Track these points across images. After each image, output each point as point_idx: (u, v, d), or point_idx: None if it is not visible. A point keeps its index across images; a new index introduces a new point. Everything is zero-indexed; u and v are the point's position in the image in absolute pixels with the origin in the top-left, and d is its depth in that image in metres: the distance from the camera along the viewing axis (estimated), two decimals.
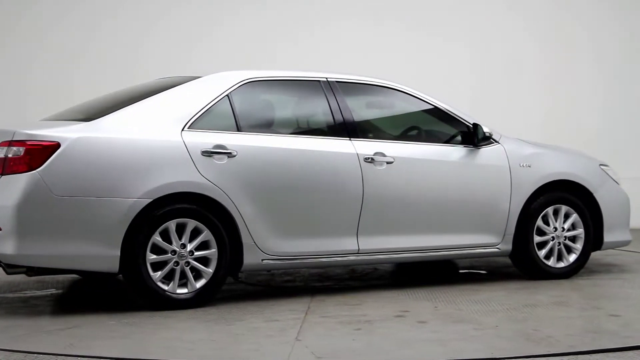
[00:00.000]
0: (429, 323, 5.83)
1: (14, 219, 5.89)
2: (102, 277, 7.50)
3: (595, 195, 7.73)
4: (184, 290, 6.30)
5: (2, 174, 5.98)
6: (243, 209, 6.44)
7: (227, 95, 6.66)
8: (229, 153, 6.44)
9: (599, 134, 11.57)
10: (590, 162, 7.97)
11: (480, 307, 6.36)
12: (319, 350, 5.04)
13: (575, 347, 5.12)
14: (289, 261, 6.71)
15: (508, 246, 7.43)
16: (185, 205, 6.31)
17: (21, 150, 5.97)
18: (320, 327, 5.72)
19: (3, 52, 10.18)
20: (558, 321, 5.86)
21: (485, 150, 7.38)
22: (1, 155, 6.00)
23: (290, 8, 11.05)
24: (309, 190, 6.72)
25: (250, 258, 6.52)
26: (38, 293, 7.16)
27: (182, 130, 6.40)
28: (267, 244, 6.55)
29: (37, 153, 5.97)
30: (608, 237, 7.80)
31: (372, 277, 7.98)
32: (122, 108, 6.43)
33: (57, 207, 5.96)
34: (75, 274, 7.46)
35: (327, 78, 7.09)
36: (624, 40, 11.95)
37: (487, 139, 7.36)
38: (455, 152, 7.31)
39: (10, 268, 6.16)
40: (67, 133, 6.10)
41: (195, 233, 6.34)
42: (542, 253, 7.52)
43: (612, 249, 8.13)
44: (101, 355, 4.96)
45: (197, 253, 6.32)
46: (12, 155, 5.98)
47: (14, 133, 6.06)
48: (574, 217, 7.65)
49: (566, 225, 7.62)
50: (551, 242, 7.57)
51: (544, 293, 6.91)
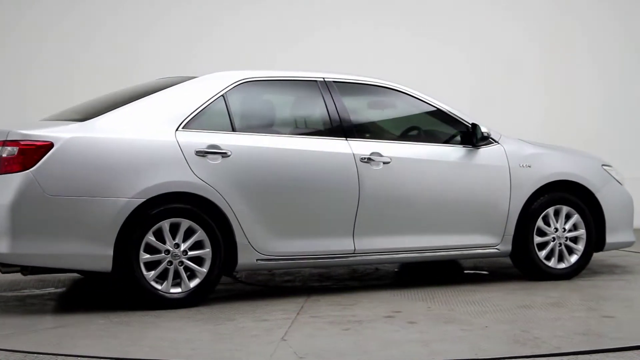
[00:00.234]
0: (419, 324, 5.81)
1: (8, 218, 5.94)
2: (103, 277, 7.51)
3: (597, 195, 7.67)
4: (178, 289, 6.32)
5: None
6: (237, 209, 6.45)
7: (222, 95, 6.67)
8: (223, 153, 6.45)
9: (599, 134, 11.48)
10: (593, 162, 7.90)
11: (474, 308, 6.33)
12: (302, 350, 5.04)
13: (561, 348, 5.09)
14: (284, 261, 6.71)
15: (507, 247, 7.39)
16: (179, 205, 6.33)
17: (15, 150, 6.02)
18: (309, 327, 5.71)
19: (3, 52, 10.25)
20: (549, 322, 5.82)
21: (485, 151, 7.34)
22: None
23: (291, 9, 11.05)
24: (304, 190, 6.71)
25: (245, 258, 6.53)
26: (36, 292, 7.20)
27: (177, 130, 6.42)
28: (262, 244, 6.56)
29: (31, 153, 6.01)
30: (610, 238, 7.74)
31: (372, 277, 7.97)
32: (117, 108, 6.47)
33: (50, 206, 6.01)
34: (73, 273, 7.49)
35: (324, 78, 7.08)
36: (623, 40, 11.86)
37: (486, 139, 7.31)
38: (453, 152, 7.27)
39: (5, 267, 6.23)
40: (61, 133, 6.14)
41: (189, 233, 6.35)
42: (542, 254, 7.48)
43: (614, 250, 8.07)
44: (85, 354, 4.99)
45: (190, 253, 6.34)
46: (6, 155, 6.03)
47: (8, 133, 6.11)
48: (576, 217, 7.59)
49: (567, 226, 7.57)
50: (552, 243, 7.52)
51: (541, 294, 6.87)
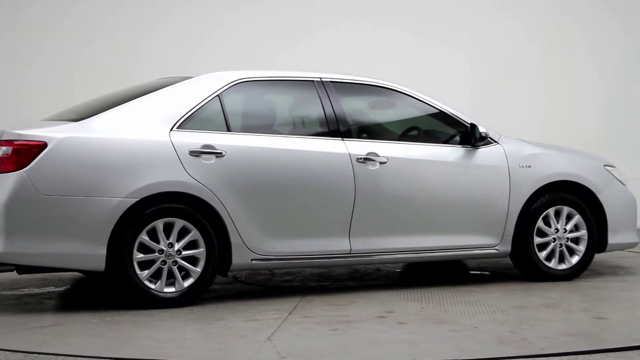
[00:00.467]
0: (409, 324, 5.80)
1: (1, 217, 5.99)
2: (102, 276, 7.55)
3: (599, 196, 7.61)
4: (171, 289, 6.34)
5: None
6: (231, 209, 6.46)
7: (217, 95, 6.68)
8: (217, 153, 6.47)
9: (599, 134, 11.40)
10: (595, 163, 7.83)
11: (467, 309, 6.30)
12: (285, 350, 5.04)
13: (545, 349, 5.06)
14: (279, 261, 6.71)
15: (507, 247, 7.35)
16: (173, 205, 6.35)
17: (9, 149, 6.06)
18: (298, 327, 5.71)
19: (3, 52, 10.32)
20: (539, 323, 5.78)
21: (484, 151, 7.30)
22: None
23: (291, 9, 11.05)
24: (299, 190, 6.70)
25: (239, 258, 6.54)
26: (35, 291, 7.25)
27: (171, 130, 6.44)
28: (257, 244, 6.56)
29: (25, 152, 6.05)
30: (612, 239, 7.67)
31: (372, 277, 7.95)
32: (112, 108, 6.50)
33: (43, 206, 6.05)
34: (75, 272, 7.54)
35: (321, 78, 7.06)
36: (623, 40, 11.77)
37: (484, 139, 7.27)
38: (451, 153, 7.24)
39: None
40: (54, 133, 6.18)
41: (183, 232, 6.37)
42: (542, 254, 7.43)
43: (617, 251, 8.00)
44: (70, 353, 5.01)
45: (184, 252, 6.36)
46: (1, 154, 6.08)
47: (2, 133, 6.16)
48: (577, 218, 7.54)
49: (568, 227, 7.51)
50: (552, 244, 7.47)
51: (539, 295, 6.83)
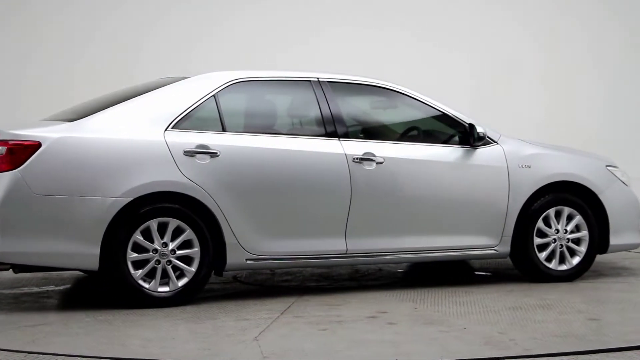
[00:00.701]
0: (399, 324, 5.79)
1: None
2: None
3: (600, 196, 7.55)
4: (166, 288, 6.37)
5: None
6: (226, 209, 6.47)
7: (213, 95, 6.70)
8: (212, 153, 6.48)
9: (599, 134, 11.30)
10: (596, 163, 7.76)
11: (461, 309, 6.28)
12: (269, 350, 5.05)
13: (531, 350, 5.04)
14: (274, 261, 6.71)
15: (506, 248, 7.31)
16: (167, 205, 6.37)
17: (3, 149, 6.11)
18: (287, 327, 5.71)
19: (3, 52, 10.39)
20: (530, 324, 5.75)
21: (482, 151, 7.26)
22: None
23: (291, 10, 11.04)
24: (294, 190, 6.70)
25: (234, 257, 6.55)
26: (35, 290, 7.30)
27: (166, 130, 6.46)
28: (251, 244, 6.57)
29: (19, 152, 6.10)
30: (614, 240, 7.60)
31: (372, 277, 7.92)
32: (108, 108, 6.53)
33: (37, 205, 6.09)
34: (77, 272, 7.59)
35: (318, 78, 7.06)
36: (623, 40, 11.66)
37: (482, 139, 7.23)
38: (449, 153, 7.21)
39: None
40: (49, 133, 6.23)
41: (178, 232, 6.40)
42: (542, 255, 7.39)
43: (619, 252, 7.94)
44: (55, 352, 5.04)
45: (179, 252, 6.38)
46: None
47: None
48: (578, 219, 7.48)
49: (569, 228, 7.46)
50: (552, 244, 7.43)
51: (535, 295, 6.79)
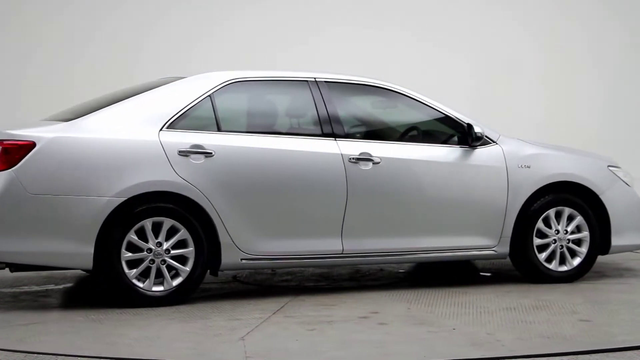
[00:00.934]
0: (389, 325, 5.77)
1: None
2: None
3: (601, 197, 7.49)
4: (160, 288, 6.39)
5: None
6: (221, 208, 6.48)
7: (209, 95, 6.71)
8: (206, 153, 6.49)
9: (599, 134, 11.22)
10: (598, 163, 7.69)
11: (454, 310, 6.26)
12: (253, 350, 5.06)
13: (515, 351, 5.02)
14: (269, 261, 6.72)
15: (505, 248, 7.27)
16: (161, 204, 6.40)
17: None
18: (276, 327, 5.71)
19: (3, 52, 10.46)
20: (520, 325, 5.72)
21: (481, 151, 7.23)
22: None
23: (291, 10, 11.03)
24: (289, 190, 6.70)
25: (229, 257, 6.56)
26: (35, 288, 7.34)
27: (160, 130, 6.48)
28: (247, 244, 6.58)
29: (14, 152, 6.15)
30: (616, 241, 7.54)
31: (372, 278, 7.90)
32: (104, 108, 6.56)
33: (31, 205, 6.13)
34: (79, 271, 7.63)
35: (315, 78, 7.06)
36: (623, 40, 11.58)
37: (480, 139, 7.19)
38: (447, 153, 7.17)
39: None
40: (44, 133, 6.27)
41: (172, 232, 6.42)
42: (542, 256, 7.35)
43: (621, 253, 7.87)
44: (40, 351, 5.06)
45: (173, 251, 6.40)
46: None
47: None
48: (579, 219, 7.43)
49: (570, 228, 7.41)
50: (553, 245, 7.38)
51: (532, 297, 6.75)
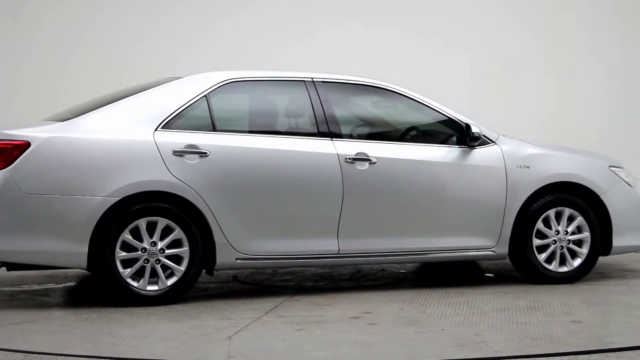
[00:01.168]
0: (378, 325, 5.76)
1: None
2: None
3: (602, 197, 7.43)
4: (154, 287, 6.42)
5: None
6: (215, 208, 6.49)
7: (205, 95, 6.72)
8: (201, 153, 6.51)
9: (601, 134, 11.15)
10: (599, 163, 7.63)
11: (447, 310, 6.24)
12: (237, 350, 5.07)
13: (500, 352, 5.01)
14: (264, 261, 6.72)
15: (504, 249, 7.23)
16: (156, 204, 6.42)
17: None
18: (265, 326, 5.72)
19: (3, 52, 10.54)
20: (510, 326, 5.69)
21: (480, 151, 7.19)
22: None
23: (289, 10, 11.04)
24: (284, 190, 6.70)
25: (224, 257, 6.57)
26: (35, 287, 7.38)
27: (155, 130, 6.50)
28: (242, 244, 6.59)
29: (8, 152, 6.19)
30: (618, 242, 7.47)
31: (371, 278, 7.87)
32: (99, 108, 6.60)
33: (25, 204, 6.18)
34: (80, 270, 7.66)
35: (312, 78, 7.05)
36: (625, 39, 11.51)
37: (478, 139, 7.16)
38: (445, 153, 7.14)
39: None
40: (38, 133, 6.31)
41: (167, 231, 6.44)
42: (542, 257, 7.30)
43: (623, 254, 7.82)
44: (22, 349, 5.10)
45: (168, 251, 6.42)
46: None
47: None
48: (579, 220, 7.38)
49: (570, 229, 7.36)
50: (552, 246, 7.34)
51: (529, 297, 6.71)
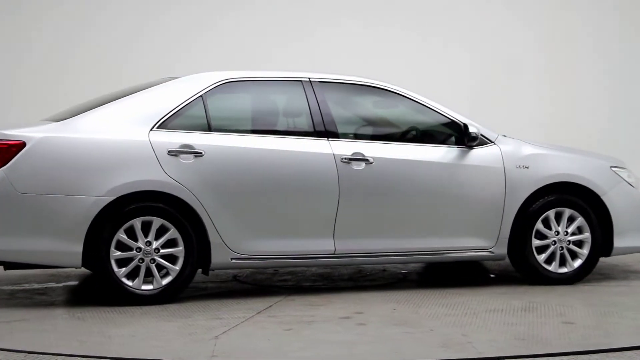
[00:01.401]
0: (367, 325, 5.76)
1: None
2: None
3: (603, 198, 7.37)
4: (149, 286, 6.45)
5: None
6: (210, 208, 6.51)
7: (201, 95, 6.74)
8: (196, 152, 6.53)
9: (601, 134, 11.06)
10: (599, 164, 7.57)
11: (440, 310, 6.23)
12: (221, 350, 5.08)
13: (483, 353, 4.99)
14: (259, 261, 6.73)
15: (502, 250, 7.20)
16: (151, 204, 6.45)
17: None
18: (254, 326, 5.73)
19: (4, 51, 10.61)
20: (499, 327, 5.67)
21: (478, 151, 7.16)
22: None
23: (289, 10, 11.03)
24: (280, 190, 6.71)
25: (219, 256, 6.59)
26: (35, 286, 7.44)
27: (151, 130, 6.53)
28: (237, 243, 6.60)
29: (3, 151, 6.24)
30: (619, 243, 7.42)
31: (371, 278, 7.87)
32: (96, 108, 6.64)
33: (20, 204, 6.22)
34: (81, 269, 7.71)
35: (309, 78, 7.06)
36: (626, 39, 11.41)
37: (475, 139, 7.12)
38: (442, 153, 7.11)
39: None
40: (34, 133, 6.35)
41: (162, 231, 6.47)
42: (542, 257, 7.26)
43: (624, 255, 7.76)
44: (10, 348, 5.14)
45: (163, 251, 6.45)
46: None
47: None
48: (579, 220, 7.33)
49: (570, 229, 7.32)
50: (552, 247, 7.30)
51: (525, 298, 6.68)
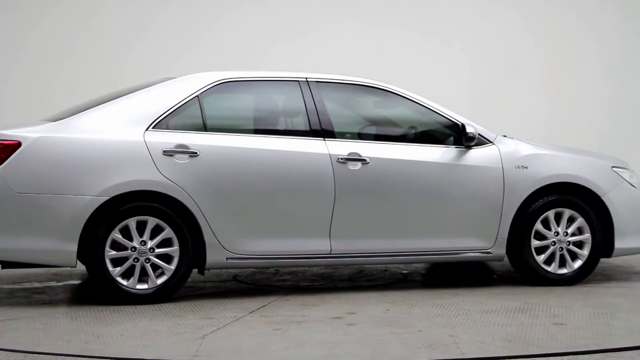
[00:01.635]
0: (357, 325, 5.75)
1: None
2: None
3: (604, 198, 7.33)
4: (144, 286, 6.48)
5: None
6: (205, 208, 6.53)
7: (197, 96, 6.77)
8: (191, 152, 6.55)
9: (601, 134, 10.98)
10: (600, 164, 7.51)
11: (433, 311, 6.21)
12: (205, 349, 5.09)
13: (467, 354, 4.98)
14: (255, 260, 6.74)
15: (501, 250, 7.17)
16: (146, 203, 6.48)
17: None
18: (243, 326, 5.74)
19: (4, 52, 10.68)
20: (488, 328, 5.64)
21: (476, 151, 7.14)
22: None
23: (289, 10, 11.03)
24: (275, 190, 6.72)
25: (214, 256, 6.61)
26: (35, 285, 7.49)
27: (146, 130, 6.56)
28: (232, 243, 6.62)
29: None
30: (620, 244, 7.36)
31: (371, 278, 7.87)
32: (92, 108, 6.68)
33: (15, 203, 6.27)
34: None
35: (306, 78, 7.06)
36: (626, 39, 11.33)
37: (473, 139, 7.09)
38: (440, 153, 7.09)
39: None
40: (29, 133, 6.40)
41: (157, 230, 6.50)
42: (541, 258, 7.23)
43: (625, 256, 7.70)
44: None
45: (158, 250, 6.48)
46: None
47: None
48: (580, 221, 7.29)
49: (570, 230, 7.28)
50: (552, 247, 7.26)
51: (521, 299, 6.64)
